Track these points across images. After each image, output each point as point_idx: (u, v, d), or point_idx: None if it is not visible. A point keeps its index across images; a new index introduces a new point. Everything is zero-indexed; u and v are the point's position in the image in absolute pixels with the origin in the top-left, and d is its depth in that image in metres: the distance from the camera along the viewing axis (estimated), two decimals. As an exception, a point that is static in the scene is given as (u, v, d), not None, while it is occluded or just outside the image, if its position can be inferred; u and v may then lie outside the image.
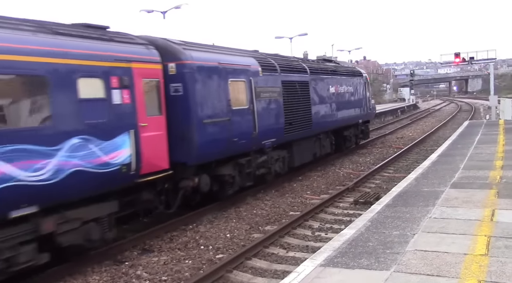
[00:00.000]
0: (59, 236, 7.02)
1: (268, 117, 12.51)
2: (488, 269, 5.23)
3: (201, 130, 9.85)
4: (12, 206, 6.22)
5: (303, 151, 15.10)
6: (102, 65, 7.74)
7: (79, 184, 7.13)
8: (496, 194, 8.70)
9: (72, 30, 7.73)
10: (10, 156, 6.15)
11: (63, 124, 6.97)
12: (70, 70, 7.14)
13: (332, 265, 5.68)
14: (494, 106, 30.88)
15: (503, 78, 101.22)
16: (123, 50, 8.36)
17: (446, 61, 38.14)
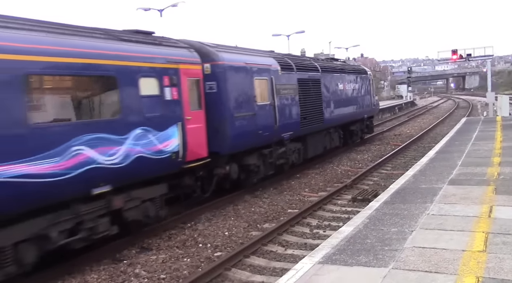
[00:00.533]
0: (125, 211, 8.36)
1: (286, 112, 13.77)
2: (486, 265, 5.24)
3: (232, 123, 11.12)
4: (94, 185, 7.53)
5: (315, 143, 16.28)
6: (157, 67, 9.06)
7: (141, 168, 8.41)
8: (494, 191, 8.71)
9: (132, 36, 9.08)
10: (93, 143, 7.42)
11: (129, 117, 8.27)
12: (133, 71, 8.42)
13: (331, 262, 5.69)
14: (491, 103, 30.96)
15: (500, 75, 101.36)
16: (172, 53, 9.70)
17: (443, 58, 38.09)
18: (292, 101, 14.22)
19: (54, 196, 6.88)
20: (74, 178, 7.06)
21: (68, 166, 6.96)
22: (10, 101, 6.29)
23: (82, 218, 7.45)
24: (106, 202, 7.91)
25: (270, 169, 13.16)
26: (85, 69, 7.50)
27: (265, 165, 12.84)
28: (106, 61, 7.90)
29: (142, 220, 8.87)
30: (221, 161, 11.07)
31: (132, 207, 8.50)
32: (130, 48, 8.59)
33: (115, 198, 8.06)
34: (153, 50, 9.21)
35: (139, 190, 8.65)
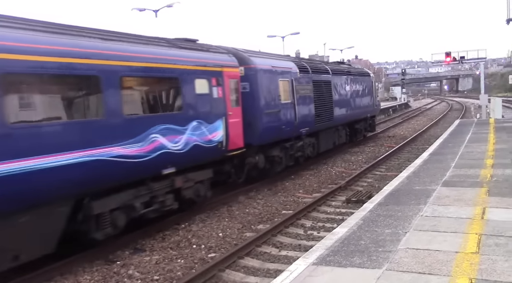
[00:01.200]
0: (183, 190, 10.01)
1: (304, 110, 15.41)
2: (479, 267, 5.27)
3: (262, 119, 12.80)
4: (163, 166, 9.21)
5: (326, 139, 18.04)
6: (207, 70, 10.73)
7: (196, 154, 10.10)
8: (487, 192, 8.76)
9: (187, 44, 10.78)
10: (164, 132, 9.06)
11: (188, 111, 9.96)
12: (191, 74, 10.09)
13: (325, 263, 5.69)
14: (484, 105, 31.16)
15: (493, 77, 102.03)
16: (217, 58, 11.40)
17: (437, 60, 38.35)
18: (308, 100, 15.93)
19: (139, 173, 8.64)
20: (151, 160, 8.73)
21: (148, 150, 8.67)
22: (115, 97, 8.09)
23: (155, 193, 9.21)
24: (171, 181, 9.63)
25: (290, 161, 14.87)
26: (157, 72, 9.25)
27: (286, 156, 14.55)
28: (172, 65, 9.55)
29: (194, 199, 10.50)
30: (252, 151, 12.66)
31: (188, 187, 10.22)
32: (188, 54, 10.33)
33: (177, 179, 9.79)
34: (204, 56, 10.94)
35: (193, 173, 10.35)
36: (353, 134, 21.78)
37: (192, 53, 10.52)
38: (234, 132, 11.64)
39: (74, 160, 7.17)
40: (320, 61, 21.72)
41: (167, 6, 33.63)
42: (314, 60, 20.67)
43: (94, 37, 8.03)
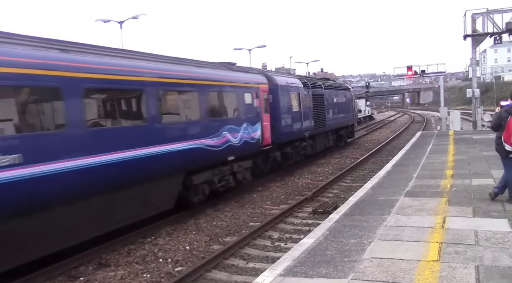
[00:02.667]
0: (237, 174, 13.84)
1: (307, 117, 19.38)
2: (440, 274, 5.43)
3: (281, 123, 16.67)
4: (229, 155, 12.95)
5: (320, 142, 22.00)
6: (251, 86, 14.73)
7: (245, 148, 13.85)
8: (447, 202, 9.06)
9: (236, 67, 15.23)
10: (229, 130, 12.87)
11: (242, 116, 13.84)
12: (243, 89, 14.11)
13: (292, 274, 5.73)
14: (444, 117, 32.24)
15: (452, 90, 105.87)
16: (255, 78, 15.52)
17: (399, 74, 39.56)
18: (309, 109, 19.81)
19: (216, 158, 12.31)
20: (223, 149, 12.46)
21: (220, 142, 12.37)
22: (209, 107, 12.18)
23: (223, 174, 12.98)
24: (231, 166, 13.36)
25: (298, 157, 18.86)
26: (227, 88, 13.24)
27: (296, 153, 18.52)
28: (234, 84, 13.73)
29: (242, 181, 14.29)
30: (274, 148, 16.30)
31: (239, 171, 13.97)
32: (241, 75, 14.50)
33: (234, 165, 13.56)
34: (249, 76, 15.09)
35: (242, 162, 14.09)
36: (338, 139, 25.82)
37: (242, 74, 14.70)
38: (266, 133, 15.45)
39: (188, 146, 10.87)
40: (315, 78, 27.06)
41: (132, 18, 33.34)
42: (311, 77, 26.39)
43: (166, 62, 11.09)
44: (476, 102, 29.14)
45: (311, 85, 20.60)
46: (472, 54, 29.04)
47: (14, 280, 7.31)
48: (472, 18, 26.83)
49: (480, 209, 8.34)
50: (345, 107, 26.69)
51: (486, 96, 67.27)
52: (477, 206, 8.60)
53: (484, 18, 26.63)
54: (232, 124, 13.07)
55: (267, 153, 15.96)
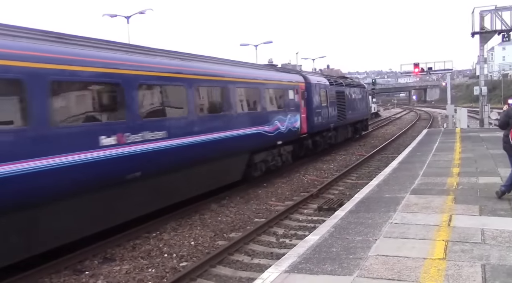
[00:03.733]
0: (282, 156, 16.77)
1: (332, 111, 22.40)
2: (446, 272, 5.40)
3: (314, 115, 19.58)
4: (278, 140, 15.90)
5: (341, 133, 24.84)
6: (293, 84, 17.90)
7: (289, 135, 16.87)
8: (453, 200, 9.01)
9: (280, 68, 19.96)
10: (279, 120, 15.83)
11: (287, 109, 16.82)
12: (288, 87, 17.34)
13: (297, 271, 5.72)
14: (451, 115, 32.04)
15: (459, 88, 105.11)
16: (295, 77, 18.79)
17: (406, 71, 39.35)
18: (333, 104, 22.80)
19: (270, 142, 15.39)
20: (274, 135, 15.59)
21: (273, 129, 15.49)
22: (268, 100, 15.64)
23: (273, 155, 15.99)
24: (279, 149, 16.43)
25: (325, 145, 21.86)
26: (277, 86, 16.49)
27: (323, 141, 21.49)
28: (282, 82, 17.10)
29: (285, 161, 17.20)
30: (307, 137, 19.26)
31: (284, 154, 17.01)
32: (287, 76, 18.20)
33: (281, 148, 16.54)
34: (291, 76, 18.57)
35: (286, 146, 17.11)
36: (355, 131, 28.61)
37: (286, 75, 18.39)
38: (303, 123, 18.49)
39: (253, 131, 14.19)
40: (337, 76, 30.76)
41: (139, 13, 33.34)
42: (334, 76, 29.97)
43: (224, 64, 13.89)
44: (483, 100, 28.95)
45: (334, 83, 23.83)
46: (479, 51, 28.85)
47: (20, 274, 7.37)
48: (480, 15, 26.62)
49: (486, 207, 8.29)
50: (361, 103, 30.06)
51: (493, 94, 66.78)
52: (483, 204, 8.55)
53: (493, 15, 26.42)
54: (280, 115, 16.24)
55: (303, 140, 18.97)
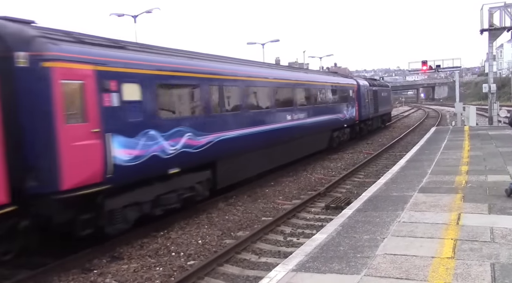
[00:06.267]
0: (345, 134, 24.42)
1: (371, 105, 29.86)
2: (455, 271, 5.36)
3: (362, 108, 26.96)
4: (344, 123, 23.70)
5: (375, 122, 32.00)
6: (350, 86, 25.56)
7: (350, 120, 24.53)
8: (462, 198, 8.94)
9: (343, 74, 33.56)
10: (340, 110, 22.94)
11: (349, 103, 24.67)
12: (348, 87, 25.06)
13: (304, 270, 5.71)
14: (459, 113, 31.79)
15: (467, 86, 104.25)
16: (351, 80, 26.81)
17: (414, 69, 39.15)
18: (371, 101, 29.84)
19: (341, 124, 22.92)
20: (343, 120, 23.14)
21: (343, 116, 23.19)
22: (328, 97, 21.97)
23: (342, 133, 23.37)
24: (344, 130, 23.21)
25: (366, 131, 28.93)
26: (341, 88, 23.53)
27: (365, 128, 28.82)
28: (346, 84, 24.82)
29: (343, 140, 23.56)
30: (358, 123, 26.74)
31: (346, 133, 23.98)
32: (346, 79, 26.21)
33: (345, 129, 23.77)
34: (348, 80, 26.43)
35: (347, 129, 24.13)
36: (382, 122, 35.82)
37: (346, 79, 26.40)
38: (356, 113, 25.67)
39: (333, 117, 21.47)
40: (371, 78, 39.82)
41: (146, 12, 33.40)
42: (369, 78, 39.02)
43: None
44: (492, 97, 28.66)
45: (371, 84, 31.11)
46: (488, 48, 28.55)
47: (29, 272, 7.43)
48: (489, 12, 26.35)
49: (496, 206, 8.22)
50: (387, 99, 37.81)
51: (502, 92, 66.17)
52: (492, 202, 8.47)
53: (502, 12, 26.14)
54: (346, 107, 23.84)
55: (355, 125, 26.25)
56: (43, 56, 7.31)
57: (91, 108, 7.90)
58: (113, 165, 8.24)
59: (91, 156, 7.88)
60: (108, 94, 8.26)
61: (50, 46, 7.42)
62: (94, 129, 7.92)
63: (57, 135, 7.33)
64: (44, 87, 7.31)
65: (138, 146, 8.90)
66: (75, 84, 7.69)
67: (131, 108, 8.79)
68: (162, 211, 9.99)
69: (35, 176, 7.30)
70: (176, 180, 10.24)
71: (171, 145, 9.84)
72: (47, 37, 7.53)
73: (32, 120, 7.32)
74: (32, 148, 7.33)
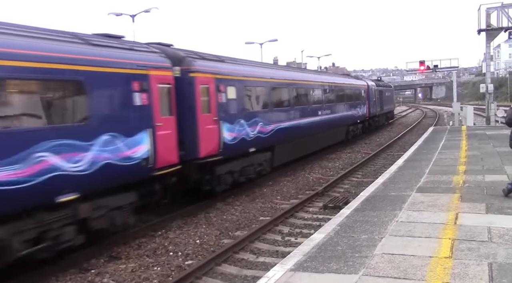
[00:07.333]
0: (358, 128, 28.43)
1: (376, 104, 32.94)
2: (452, 271, 5.37)
3: (371, 106, 30.73)
4: (357, 119, 27.31)
5: (380, 119, 35.65)
6: (362, 87, 29.43)
7: (361, 116, 28.12)
8: (460, 198, 8.96)
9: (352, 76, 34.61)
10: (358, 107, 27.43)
11: (361, 101, 28.41)
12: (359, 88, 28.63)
13: (302, 269, 5.71)
14: (457, 113, 31.86)
15: (465, 86, 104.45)
16: (361, 82, 30.58)
17: (412, 69, 39.19)
18: (377, 100, 33.20)
19: (355, 120, 27.06)
20: (357, 116, 27.06)
21: (356, 113, 26.97)
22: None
23: (356, 128, 27.45)
24: (357, 125, 27.80)
25: (373, 126, 32.39)
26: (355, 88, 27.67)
27: (373, 124, 32.20)
28: (355, 85, 27.96)
29: (359, 132, 28.45)
30: (368, 119, 30.14)
31: (359, 127, 28.18)
32: (357, 81, 29.89)
33: (358, 124, 27.85)
34: (359, 81, 30.30)
35: (359, 124, 28.20)
36: (386, 119, 39.30)
37: (357, 80, 29.34)
38: (367, 111, 29.34)
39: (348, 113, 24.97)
40: (376, 80, 41.86)
41: (144, 11, 33.37)
42: (375, 79, 40.98)
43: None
44: (489, 97, 28.72)
45: (377, 85, 34.49)
46: (486, 49, 28.60)
47: (26, 272, 7.41)
48: (486, 13, 26.39)
49: (493, 206, 8.24)
50: (390, 99, 41.66)
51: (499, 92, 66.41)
52: (490, 202, 8.49)
53: (499, 13, 26.19)
54: (359, 105, 27.11)
55: (366, 121, 29.62)
56: (190, 69, 11.00)
57: (213, 104, 11.63)
58: (223, 143, 11.98)
59: (213, 136, 11.60)
60: (220, 94, 12.00)
61: (193, 63, 11.23)
62: (214, 117, 11.67)
63: (197, 121, 11.00)
64: (190, 90, 10.96)
65: (235, 131, 12.63)
66: (205, 87, 11.38)
67: (231, 104, 12.59)
68: (244, 178, 13.65)
69: (184, 148, 10.62)
70: (253, 157, 13.89)
71: (251, 131, 13.57)
72: (190, 57, 11.33)
73: (184, 111, 10.70)
74: (183, 129, 10.58)
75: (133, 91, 8.93)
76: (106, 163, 8.03)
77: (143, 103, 9.19)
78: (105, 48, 8.58)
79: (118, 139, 8.39)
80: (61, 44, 7.65)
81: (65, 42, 7.79)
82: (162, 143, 9.60)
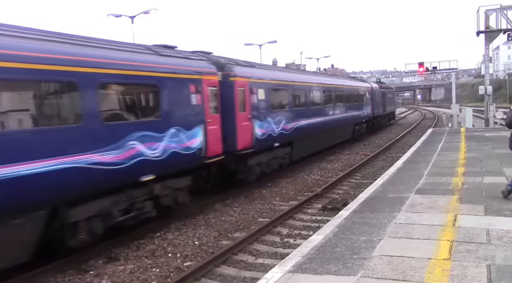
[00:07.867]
0: (363, 128, 30.05)
1: (380, 105, 34.68)
2: (451, 273, 5.38)
3: (375, 107, 32.41)
4: (362, 119, 29.06)
5: (383, 119, 37.37)
6: (366, 88, 30.99)
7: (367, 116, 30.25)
8: (458, 200, 8.96)
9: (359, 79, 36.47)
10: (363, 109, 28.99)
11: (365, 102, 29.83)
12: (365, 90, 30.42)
13: (301, 271, 5.71)
14: (456, 114, 31.89)
15: (464, 87, 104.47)
16: (366, 84, 32.27)
17: (411, 70, 39.27)
18: (380, 101, 34.88)
19: (360, 120, 28.68)
20: (362, 116, 28.59)
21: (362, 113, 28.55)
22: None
23: (361, 127, 29.13)
24: (362, 124, 29.36)
25: (376, 126, 33.79)
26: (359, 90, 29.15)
27: (377, 123, 33.71)
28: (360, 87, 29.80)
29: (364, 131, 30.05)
30: (372, 120, 31.88)
31: (364, 127, 29.82)
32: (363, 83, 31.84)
33: (363, 124, 29.49)
34: (364, 83, 31.89)
35: (364, 124, 29.85)
36: (388, 120, 41.33)
37: (363, 83, 31.35)
38: (371, 111, 30.85)
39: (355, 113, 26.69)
40: (379, 82, 41.98)
41: (143, 13, 33.36)
42: (378, 82, 41.71)
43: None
44: (488, 99, 28.78)
45: (380, 87, 36.13)
46: (485, 50, 28.69)
47: (25, 273, 7.40)
48: (485, 14, 26.46)
49: (492, 207, 8.25)
50: (392, 100, 43.51)
51: (498, 94, 66.42)
52: (489, 204, 8.50)
53: (498, 15, 26.26)
54: (364, 105, 28.70)
55: (370, 121, 31.23)
56: (230, 74, 12.88)
57: (247, 103, 13.52)
58: (255, 137, 13.78)
59: (248, 131, 13.43)
60: (253, 95, 13.89)
61: (233, 68, 13.12)
62: (249, 116, 13.51)
63: (236, 119, 12.86)
64: (231, 92, 12.84)
65: (264, 127, 14.42)
66: (242, 90, 13.24)
67: (261, 104, 14.51)
68: (270, 170, 15.46)
69: (226, 141, 12.34)
70: (276, 151, 15.70)
71: (276, 128, 15.34)
72: (230, 64, 13.24)
73: (225, 110, 12.49)
74: (225, 126, 12.32)
75: (190, 93, 10.89)
76: (173, 151, 9.93)
77: (198, 103, 11.15)
78: (170, 58, 10.57)
79: (181, 132, 10.33)
80: (142, 56, 9.60)
81: (143, 54, 9.72)
82: (211, 136, 11.51)
